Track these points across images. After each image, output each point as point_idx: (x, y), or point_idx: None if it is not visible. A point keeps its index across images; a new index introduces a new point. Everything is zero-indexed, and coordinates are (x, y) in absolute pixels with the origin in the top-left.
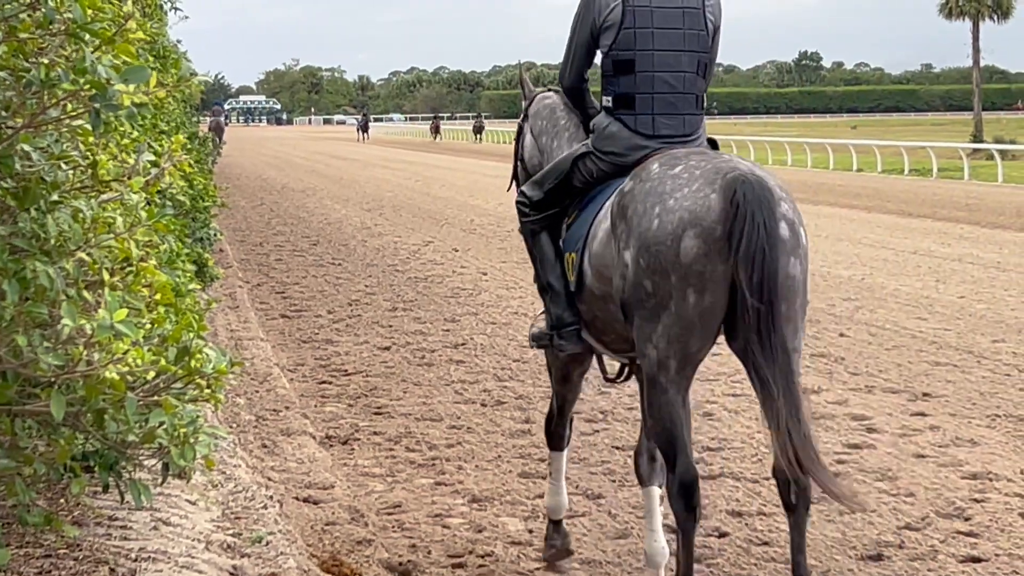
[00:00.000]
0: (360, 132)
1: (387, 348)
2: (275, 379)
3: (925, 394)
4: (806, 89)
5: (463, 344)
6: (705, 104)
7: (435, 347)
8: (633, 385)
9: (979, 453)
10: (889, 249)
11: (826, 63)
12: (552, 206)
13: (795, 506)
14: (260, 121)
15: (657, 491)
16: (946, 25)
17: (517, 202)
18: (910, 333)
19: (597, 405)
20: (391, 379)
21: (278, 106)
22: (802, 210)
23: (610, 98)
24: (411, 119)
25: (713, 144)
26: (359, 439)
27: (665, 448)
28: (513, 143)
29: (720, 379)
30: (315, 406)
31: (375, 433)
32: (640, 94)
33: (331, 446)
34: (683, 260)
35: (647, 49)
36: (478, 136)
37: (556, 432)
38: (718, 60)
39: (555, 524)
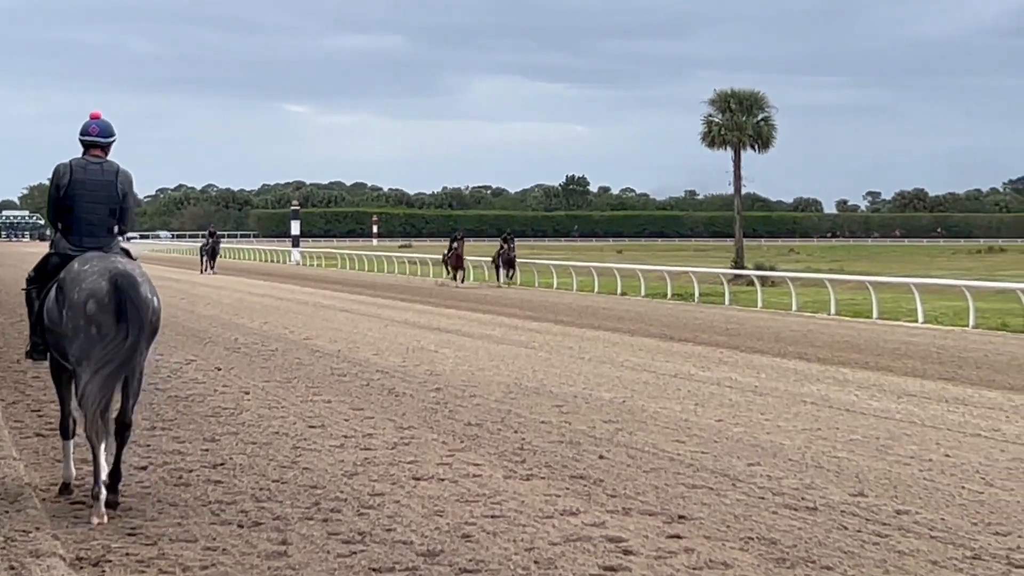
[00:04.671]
0: (205, 259)
1: (144, 468)
2: (26, 499)
3: (681, 516)
4: (573, 213)
5: (222, 464)
6: (117, 230)
7: (193, 467)
8: (403, 512)
9: None
10: (650, 372)
11: (593, 187)
12: (38, 281)
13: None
14: (23, 236)
15: (72, 444)
16: (709, 153)
17: (26, 278)
18: (668, 456)
19: (355, 527)
20: (146, 500)
21: (42, 222)
22: (567, 333)
23: (61, 225)
24: (178, 236)
25: (127, 252)
26: (111, 561)
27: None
28: None
29: (480, 500)
30: (67, 527)
31: (127, 555)
32: (75, 224)
33: (81, 568)
34: (88, 313)
35: (80, 201)
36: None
37: (64, 427)
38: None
39: (65, 484)
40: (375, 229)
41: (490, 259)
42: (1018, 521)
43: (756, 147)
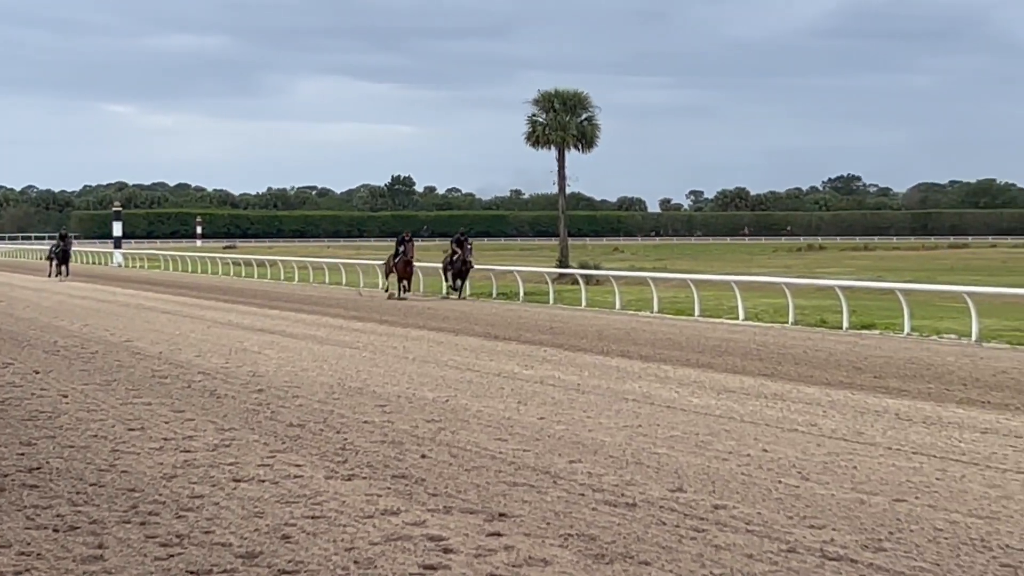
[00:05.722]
0: (54, 264)
1: None
2: None
3: (502, 514)
4: (399, 213)
5: (38, 468)
6: None
7: (8, 471)
8: (223, 514)
9: (551, 573)
10: (474, 371)
11: (419, 187)
12: None
13: None
14: None
15: None
16: (534, 153)
17: None
18: (490, 454)
19: (173, 529)
20: None
21: None
22: (391, 333)
23: None
24: None
25: None
26: None
27: None
28: None
29: (300, 501)
30: None
31: None
32: None
33: None
34: None
35: None
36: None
37: None
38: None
39: None
40: (199, 230)
41: (440, 265)
42: (833, 515)
43: (580, 147)
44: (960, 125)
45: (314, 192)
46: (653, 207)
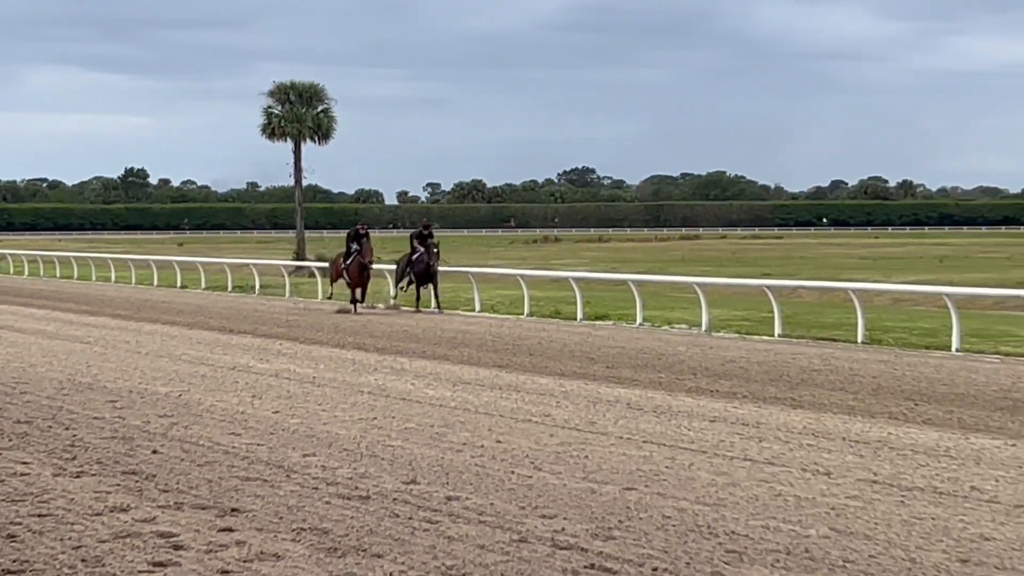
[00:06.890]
0: None
1: None
2: None
3: (234, 509)
4: (133, 206)
5: None
6: None
7: None
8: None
9: (283, 567)
10: (208, 365)
11: (153, 180)
12: None
13: None
14: None
15: None
16: (270, 145)
17: None
18: (223, 449)
19: None
20: None
21: None
22: (124, 327)
23: None
24: None
25: None
26: None
27: None
28: None
29: (27, 499)
30: None
31: None
32: None
33: None
34: None
35: None
36: None
37: None
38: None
39: None
40: None
41: (395, 266)
42: (564, 504)
43: (316, 139)
44: (691, 118)
45: (45, 184)
46: (391, 199)
